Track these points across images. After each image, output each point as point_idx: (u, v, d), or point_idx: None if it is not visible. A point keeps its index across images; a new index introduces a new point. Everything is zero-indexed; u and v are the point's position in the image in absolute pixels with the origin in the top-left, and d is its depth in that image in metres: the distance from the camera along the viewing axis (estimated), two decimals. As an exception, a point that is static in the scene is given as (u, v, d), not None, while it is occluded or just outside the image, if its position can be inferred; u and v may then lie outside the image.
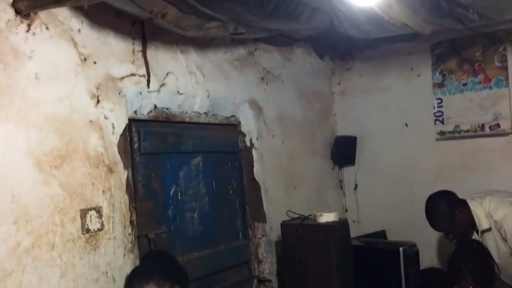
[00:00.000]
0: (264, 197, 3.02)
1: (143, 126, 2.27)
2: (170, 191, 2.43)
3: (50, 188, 1.81)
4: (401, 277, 2.73)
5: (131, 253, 2.12)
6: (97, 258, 1.96)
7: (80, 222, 1.90)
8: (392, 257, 2.76)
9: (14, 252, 1.67)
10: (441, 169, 3.45)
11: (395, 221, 3.52)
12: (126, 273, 2.03)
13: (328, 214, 2.72)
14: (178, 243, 2.44)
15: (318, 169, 3.66)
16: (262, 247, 2.99)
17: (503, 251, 2.54)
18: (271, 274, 3.01)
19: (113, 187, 2.05)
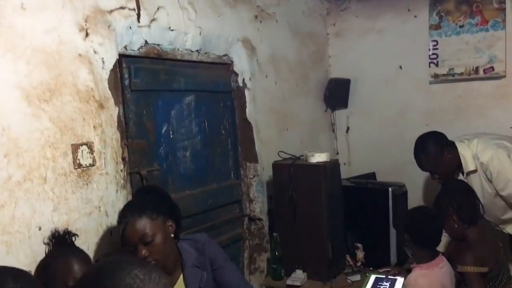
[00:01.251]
0: (256, 138, 3.02)
1: (133, 62, 2.23)
2: (162, 129, 2.42)
3: (40, 122, 1.79)
4: (389, 216, 2.80)
5: (123, 189, 2.13)
6: (90, 192, 1.97)
7: (72, 157, 1.89)
8: (381, 197, 2.82)
9: (6, 184, 1.67)
10: (433, 112, 3.46)
11: (385, 164, 3.57)
12: (119, 208, 2.05)
13: (320, 155, 2.75)
14: (170, 181, 2.46)
15: (311, 111, 3.65)
16: (253, 187, 3.03)
17: (488, 191, 2.59)
18: (262, 213, 3.07)
19: (104, 123, 2.04)
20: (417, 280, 2.18)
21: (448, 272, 2.25)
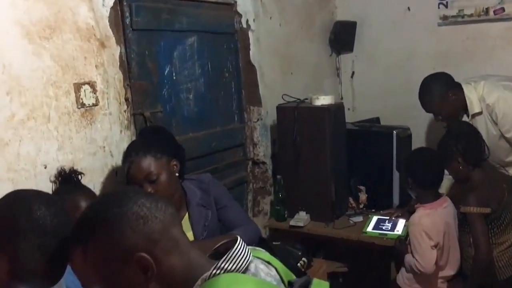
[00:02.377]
0: (260, 81, 2.98)
1: (134, 0, 2.16)
2: (164, 71, 2.38)
3: (41, 60, 1.76)
4: (393, 159, 2.80)
5: (127, 130, 2.13)
6: (94, 132, 1.97)
7: (74, 96, 1.87)
8: (385, 140, 2.81)
9: (10, 122, 1.66)
10: (441, 55, 3.39)
11: (390, 109, 3.54)
12: (123, 149, 2.05)
13: (324, 97, 2.72)
14: (174, 123, 2.45)
15: (315, 55, 3.59)
16: (257, 131, 3.02)
17: (492, 134, 2.58)
18: (265, 156, 3.08)
19: (106, 62, 2.00)
20: (420, 219, 2.20)
21: (451, 212, 2.27)
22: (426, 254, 2.16)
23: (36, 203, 1.01)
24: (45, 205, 1.02)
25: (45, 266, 0.99)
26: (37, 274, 0.99)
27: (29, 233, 0.98)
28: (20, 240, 0.97)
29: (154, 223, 0.96)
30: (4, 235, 0.98)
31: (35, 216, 0.99)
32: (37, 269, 0.98)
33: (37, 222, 0.99)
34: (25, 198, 1.05)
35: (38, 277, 1.00)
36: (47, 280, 1.04)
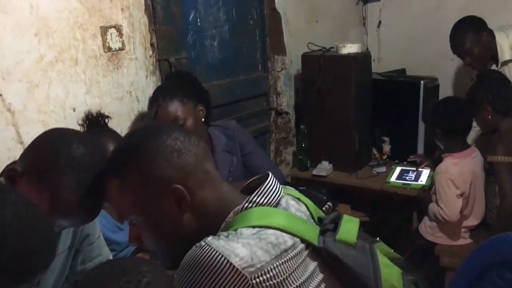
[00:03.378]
0: (284, 29, 2.93)
1: None
2: (189, 16, 2.35)
3: (68, 2, 1.74)
4: (419, 110, 2.76)
5: (153, 75, 2.13)
6: (120, 77, 1.97)
7: (101, 39, 1.87)
8: (412, 90, 2.76)
9: (39, 64, 1.67)
10: (472, 3, 3.26)
11: (417, 59, 3.44)
12: (149, 94, 2.06)
13: (351, 46, 2.67)
14: (198, 70, 2.43)
15: (341, 3, 3.49)
16: (281, 80, 2.99)
17: (522, 81, 2.52)
18: (289, 106, 3.06)
19: (131, 6, 1.98)
20: (448, 168, 2.19)
21: (479, 162, 2.25)
22: (451, 203, 2.15)
23: (75, 141, 1.03)
24: (83, 143, 1.04)
25: (83, 202, 1.01)
26: (76, 210, 1.02)
27: (69, 170, 0.99)
28: (61, 176, 0.99)
29: (188, 156, 0.97)
30: (46, 171, 1.00)
31: (75, 154, 1.01)
32: (76, 204, 1.00)
33: (77, 159, 1.00)
34: (65, 135, 1.06)
35: (77, 212, 1.03)
36: (85, 216, 1.07)
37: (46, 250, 0.83)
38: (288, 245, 0.90)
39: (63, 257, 1.23)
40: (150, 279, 0.75)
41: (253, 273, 0.83)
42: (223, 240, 0.87)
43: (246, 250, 0.85)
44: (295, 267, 0.89)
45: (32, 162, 1.01)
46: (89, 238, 1.30)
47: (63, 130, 1.14)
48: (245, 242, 0.87)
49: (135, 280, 0.74)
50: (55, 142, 1.01)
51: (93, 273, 0.80)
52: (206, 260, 0.84)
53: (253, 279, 0.83)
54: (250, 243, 0.87)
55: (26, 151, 1.06)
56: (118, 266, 0.78)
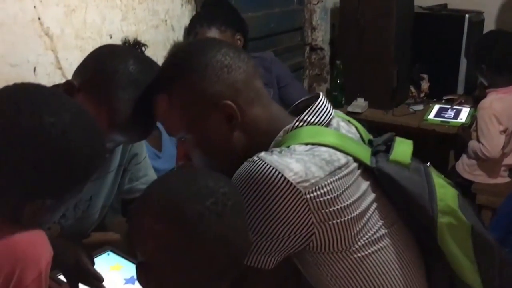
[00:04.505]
0: (322, -41, 2.80)
1: None
2: None
3: None
4: (462, 45, 2.64)
5: (188, 4, 2.07)
6: (155, 4, 1.92)
7: (137, -37, 1.81)
8: (456, 25, 2.64)
9: (75, -12, 1.63)
10: None
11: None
12: (184, 24, 2.02)
13: (393, -24, 2.53)
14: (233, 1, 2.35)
15: None
16: (316, 14, 2.89)
17: None
18: (324, 42, 2.97)
19: None
20: (492, 103, 2.11)
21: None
22: (494, 139, 2.09)
23: (131, 57, 1.01)
24: (139, 60, 1.02)
25: (139, 118, 1.00)
26: (132, 125, 1.01)
27: (126, 85, 0.98)
28: (118, 92, 0.98)
29: (237, 72, 0.93)
30: (103, 86, 0.99)
31: (131, 70, 0.99)
32: (132, 120, 1.00)
33: (133, 75, 0.99)
34: (121, 52, 1.05)
35: (133, 128, 1.02)
36: (141, 132, 1.07)
37: (101, 153, 0.84)
38: (341, 162, 0.88)
39: (112, 176, 1.25)
40: (235, 201, 0.72)
41: (307, 188, 0.82)
42: (276, 155, 0.86)
43: (300, 165, 0.83)
44: (348, 185, 0.87)
45: (89, 78, 1.01)
46: (136, 158, 1.30)
47: (118, 46, 1.13)
48: (298, 158, 0.85)
49: (221, 203, 0.70)
50: (111, 58, 1.00)
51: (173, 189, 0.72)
52: (259, 175, 0.82)
53: (307, 194, 0.82)
54: (304, 158, 0.85)
55: (82, 67, 1.05)
56: (203, 184, 0.71)
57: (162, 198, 0.70)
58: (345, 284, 0.88)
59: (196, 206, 0.67)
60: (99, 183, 1.23)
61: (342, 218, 0.85)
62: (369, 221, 0.88)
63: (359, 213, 0.87)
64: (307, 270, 0.92)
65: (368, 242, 0.87)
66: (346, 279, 0.88)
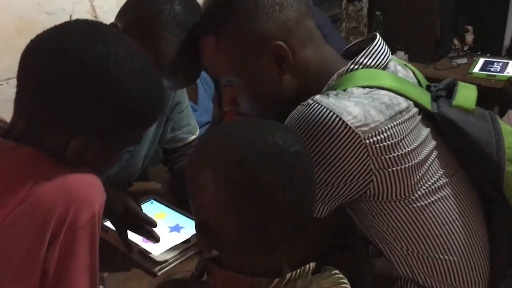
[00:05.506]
0: None
1: None
2: None
3: None
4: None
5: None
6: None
7: None
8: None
9: None
10: None
11: None
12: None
13: None
14: None
15: None
16: (355, -38, 2.75)
17: None
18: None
19: None
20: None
21: None
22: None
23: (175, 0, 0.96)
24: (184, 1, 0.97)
25: (185, 61, 0.97)
26: (178, 69, 0.97)
27: (171, 27, 0.94)
28: (163, 34, 0.94)
29: (289, 11, 0.87)
30: (149, 28, 0.95)
31: (177, 11, 0.95)
32: (179, 64, 0.96)
33: (179, 17, 0.95)
34: None
35: (179, 72, 0.98)
36: (187, 77, 1.03)
37: (158, 96, 0.79)
38: (402, 107, 0.83)
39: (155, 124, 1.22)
40: (306, 162, 0.65)
41: (366, 133, 0.77)
42: (333, 98, 0.81)
43: (359, 109, 0.78)
44: (409, 131, 0.82)
45: (134, 20, 0.96)
46: (179, 106, 1.27)
47: None
48: (357, 101, 0.80)
49: (293, 166, 0.63)
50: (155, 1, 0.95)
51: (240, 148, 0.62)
52: (315, 118, 0.78)
53: (366, 139, 0.77)
54: (362, 102, 0.80)
55: (125, 8, 1.00)
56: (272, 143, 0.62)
57: (229, 158, 0.62)
58: (402, 234, 0.84)
59: (266, 171, 0.61)
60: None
61: (402, 166, 0.80)
62: (430, 169, 0.83)
63: (420, 160, 0.82)
64: (361, 219, 0.89)
65: (428, 192, 0.83)
66: (403, 229, 0.84)
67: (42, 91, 0.70)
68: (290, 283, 0.65)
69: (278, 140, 0.63)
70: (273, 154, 0.62)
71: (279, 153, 0.62)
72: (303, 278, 0.66)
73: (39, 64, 0.70)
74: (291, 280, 0.65)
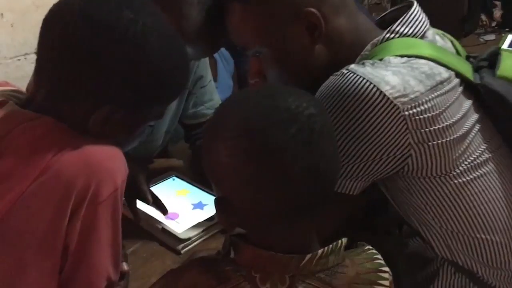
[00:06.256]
0: None
1: None
2: None
3: None
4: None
5: None
6: None
7: None
8: None
9: None
10: None
11: None
12: None
13: None
14: None
15: None
16: None
17: None
18: (386, -33, 2.74)
19: None
20: None
21: None
22: None
23: None
24: None
25: (210, 28, 0.92)
26: (202, 37, 0.93)
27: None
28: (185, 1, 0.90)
29: (322, -25, 0.82)
30: None
31: None
32: (203, 30, 0.92)
33: None
34: None
35: (203, 39, 0.94)
36: (211, 45, 0.99)
37: (184, 69, 0.75)
38: (443, 77, 0.77)
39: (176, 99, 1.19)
40: (322, 124, 0.59)
41: (406, 104, 0.72)
42: (369, 67, 0.75)
43: (398, 79, 0.73)
44: (450, 103, 0.76)
45: None
46: (202, 81, 1.23)
47: None
48: (395, 70, 0.74)
49: (308, 129, 0.58)
50: None
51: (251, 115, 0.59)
52: (350, 89, 0.73)
53: (406, 111, 0.72)
54: (401, 71, 0.74)
55: None
56: (284, 107, 0.58)
57: (238, 126, 0.59)
58: (441, 212, 0.79)
59: (277, 136, 0.57)
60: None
61: (443, 139, 0.75)
62: (472, 144, 0.78)
63: (461, 134, 0.77)
64: (397, 197, 0.84)
65: (470, 167, 0.78)
66: (443, 207, 0.79)
67: (64, 58, 0.67)
68: (323, 259, 0.61)
69: (290, 104, 0.59)
70: (285, 119, 0.58)
71: (291, 117, 0.58)
72: (336, 254, 0.63)
73: (62, 29, 0.67)
74: (323, 256, 0.61)
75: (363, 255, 0.68)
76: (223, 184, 0.61)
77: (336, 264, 0.63)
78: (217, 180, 0.62)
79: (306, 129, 0.58)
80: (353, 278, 0.64)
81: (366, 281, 0.65)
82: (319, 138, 0.59)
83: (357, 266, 0.66)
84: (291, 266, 0.61)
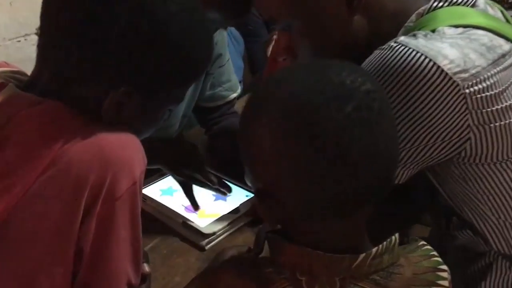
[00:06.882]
0: None
1: None
2: None
3: None
4: None
5: None
6: None
7: None
8: None
9: None
10: None
11: None
12: None
13: None
14: None
15: None
16: None
17: None
18: None
19: None
20: None
21: None
22: None
23: None
24: None
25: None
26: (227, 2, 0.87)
27: None
28: None
29: None
30: None
31: None
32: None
33: None
34: None
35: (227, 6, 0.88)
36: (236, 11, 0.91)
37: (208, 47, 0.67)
38: (504, 49, 0.68)
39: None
40: (381, 101, 0.52)
41: (466, 81, 0.62)
42: (422, 39, 0.66)
43: (457, 52, 0.63)
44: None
45: None
46: (220, 59, 1.14)
47: None
48: (452, 42, 0.65)
49: (366, 107, 0.50)
50: None
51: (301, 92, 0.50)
52: (402, 63, 0.63)
53: (466, 88, 0.62)
54: (459, 43, 0.65)
55: None
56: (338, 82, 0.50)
57: (285, 104, 0.51)
58: (500, 202, 0.70)
59: (332, 115, 0.49)
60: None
61: (505, 121, 0.66)
62: (537, 126, 0.69)
63: (525, 115, 0.67)
64: (448, 185, 0.75)
65: (535, 153, 0.68)
66: (502, 197, 0.70)
67: (73, 33, 0.58)
68: (377, 258, 0.53)
69: (345, 79, 0.50)
70: (340, 94, 0.49)
71: (347, 93, 0.50)
72: (390, 252, 0.55)
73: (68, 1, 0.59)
74: (377, 255, 0.53)
75: (419, 252, 0.60)
76: (266, 173, 0.52)
77: (391, 263, 0.55)
78: (259, 169, 0.53)
79: (364, 107, 0.49)
80: (410, 280, 0.56)
81: (424, 282, 0.58)
82: (379, 117, 0.50)
83: (413, 265, 0.58)
84: (343, 267, 0.53)
